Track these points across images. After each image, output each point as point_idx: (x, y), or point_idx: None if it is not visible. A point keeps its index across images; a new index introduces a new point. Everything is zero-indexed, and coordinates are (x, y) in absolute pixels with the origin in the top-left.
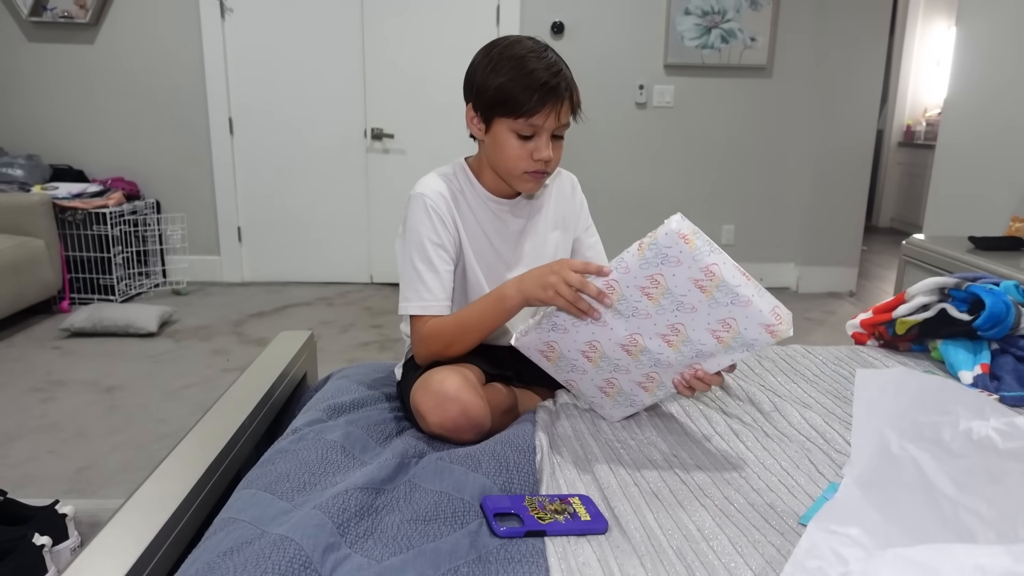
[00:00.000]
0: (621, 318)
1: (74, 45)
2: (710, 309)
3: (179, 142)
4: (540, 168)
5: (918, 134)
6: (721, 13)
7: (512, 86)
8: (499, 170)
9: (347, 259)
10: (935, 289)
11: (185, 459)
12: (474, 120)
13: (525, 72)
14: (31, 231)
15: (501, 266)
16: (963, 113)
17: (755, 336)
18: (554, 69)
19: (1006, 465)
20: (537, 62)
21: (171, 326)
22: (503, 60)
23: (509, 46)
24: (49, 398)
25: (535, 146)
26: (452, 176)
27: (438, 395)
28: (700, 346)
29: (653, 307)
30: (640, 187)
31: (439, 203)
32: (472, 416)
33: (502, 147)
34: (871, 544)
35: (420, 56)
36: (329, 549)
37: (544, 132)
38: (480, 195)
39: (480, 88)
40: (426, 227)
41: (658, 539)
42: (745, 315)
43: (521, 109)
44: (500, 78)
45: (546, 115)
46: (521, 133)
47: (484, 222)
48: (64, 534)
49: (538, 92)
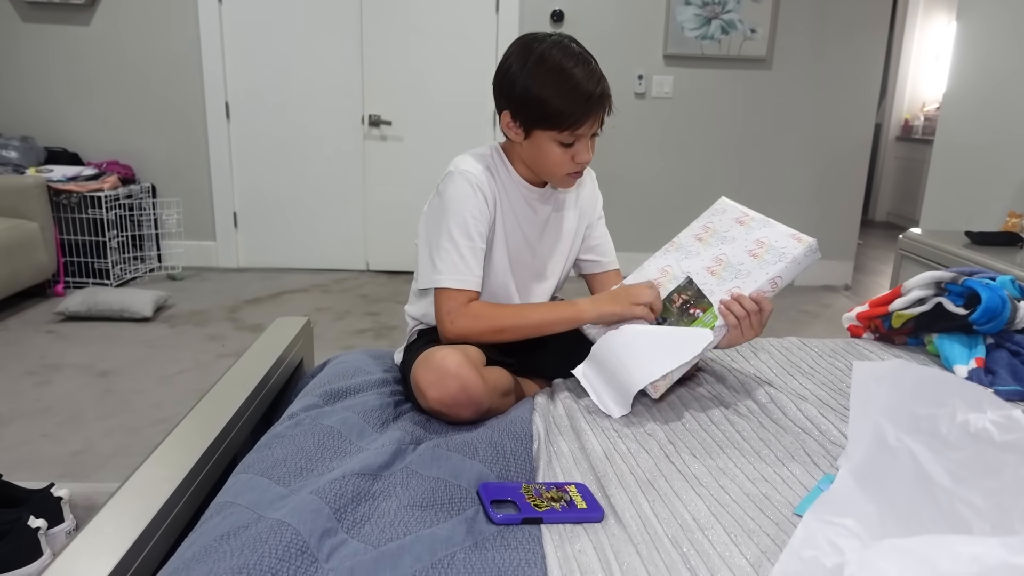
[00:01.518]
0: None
1: (70, 26)
2: (747, 234)
3: (175, 126)
4: (580, 169)
5: (916, 128)
6: (721, 4)
7: (558, 101)
8: (538, 171)
9: (343, 246)
10: (931, 283)
11: (181, 443)
12: (511, 126)
13: (570, 86)
14: (25, 214)
15: (526, 251)
16: (962, 108)
17: (784, 245)
18: (595, 77)
19: (1003, 457)
20: (580, 73)
21: (166, 311)
22: (544, 71)
23: (547, 55)
24: (43, 382)
25: (576, 151)
26: (489, 158)
27: (439, 371)
28: (739, 267)
29: (703, 247)
30: (638, 177)
31: (480, 181)
32: (471, 393)
33: (544, 154)
34: (866, 535)
35: (419, 43)
36: (326, 534)
37: (585, 138)
38: (515, 181)
39: (521, 99)
40: (470, 203)
41: (654, 527)
42: (775, 233)
43: (567, 123)
44: (544, 90)
45: (590, 125)
46: (564, 143)
47: (516, 207)
48: (59, 517)
49: (585, 104)
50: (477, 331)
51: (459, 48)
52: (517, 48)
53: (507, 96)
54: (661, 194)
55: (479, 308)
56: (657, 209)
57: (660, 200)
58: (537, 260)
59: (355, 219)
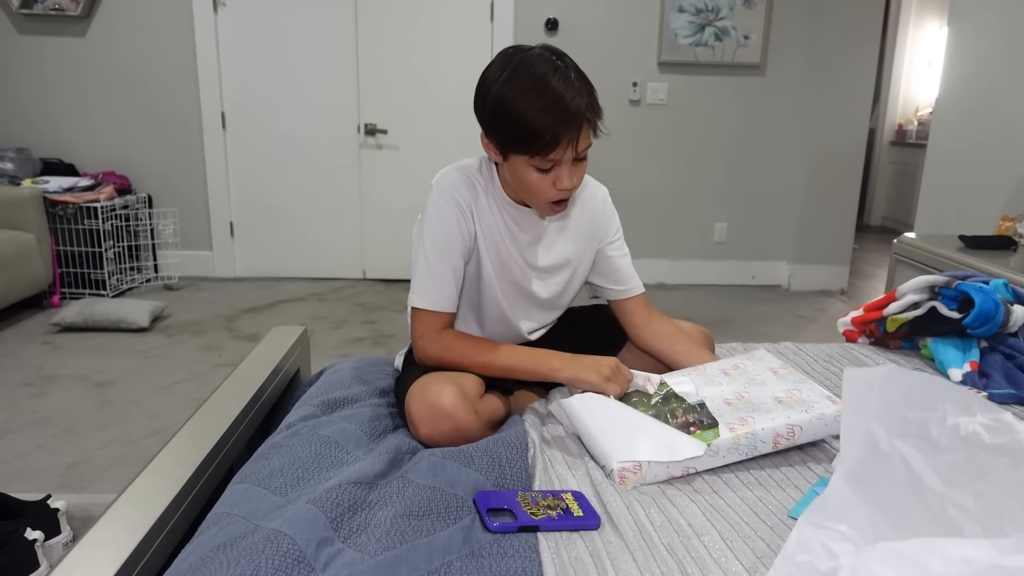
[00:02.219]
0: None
1: (65, 38)
2: (779, 383)
3: (171, 136)
4: (564, 196)
5: (910, 133)
6: (715, 11)
7: (530, 119)
8: (521, 195)
9: (340, 255)
10: (925, 287)
11: (178, 454)
12: (489, 147)
13: (542, 103)
14: (21, 225)
15: (517, 271)
16: (954, 113)
17: (816, 401)
18: (571, 96)
19: (993, 460)
20: (553, 89)
21: (163, 321)
22: (518, 83)
23: (519, 68)
24: (40, 393)
25: (556, 177)
26: (476, 172)
27: (433, 408)
28: (759, 405)
29: (727, 380)
30: (633, 184)
31: (459, 197)
32: (463, 433)
33: (522, 179)
34: (860, 539)
35: (414, 52)
36: (322, 544)
37: (564, 163)
38: (499, 198)
39: (494, 114)
40: (446, 220)
41: (649, 535)
42: (809, 389)
43: (539, 144)
44: (515, 106)
45: (563, 149)
46: (540, 167)
47: (500, 224)
48: (56, 529)
49: (551, 129)
50: (447, 361)
51: (454, 57)
52: (498, 59)
53: (482, 113)
54: (656, 201)
55: (451, 339)
56: (651, 216)
57: (655, 207)
58: (531, 282)
59: (351, 228)
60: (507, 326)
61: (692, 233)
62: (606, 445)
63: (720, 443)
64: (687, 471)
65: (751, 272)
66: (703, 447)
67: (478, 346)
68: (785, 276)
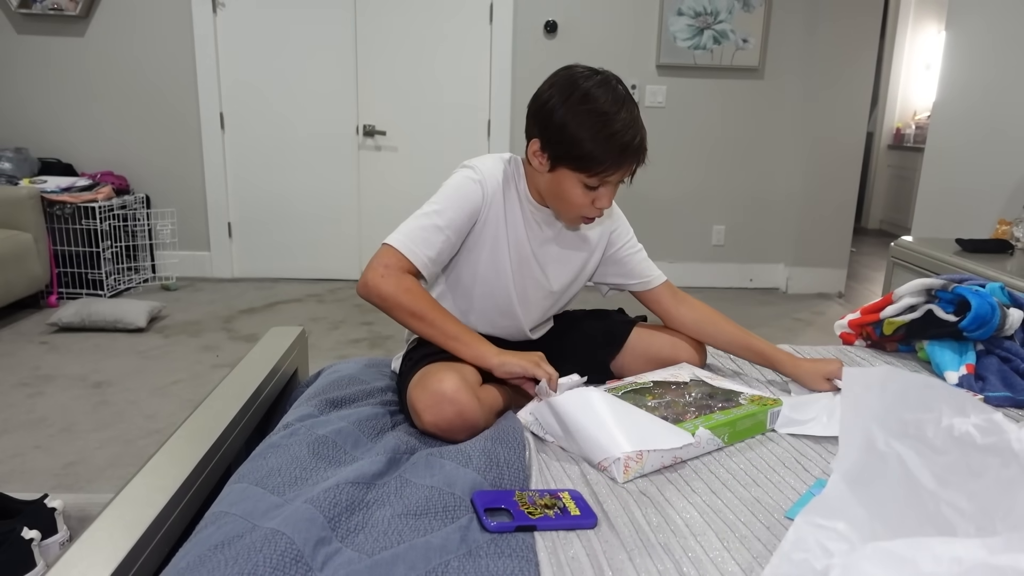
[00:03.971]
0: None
1: (64, 38)
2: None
3: (170, 137)
4: (597, 214)
5: (907, 137)
6: (713, 14)
7: (593, 147)
8: (552, 204)
9: (338, 256)
10: (922, 290)
11: (175, 454)
12: (538, 156)
13: (608, 133)
14: (19, 225)
15: (534, 263)
16: (952, 116)
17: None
18: (634, 129)
19: (985, 460)
20: (621, 122)
21: (160, 321)
22: (585, 112)
23: (591, 94)
24: (37, 393)
25: (598, 195)
26: (508, 166)
27: (435, 395)
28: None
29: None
30: (631, 187)
31: (488, 184)
32: (467, 418)
33: (565, 191)
34: (856, 538)
35: (413, 53)
36: (320, 543)
37: (610, 185)
38: (523, 194)
39: (556, 135)
40: (466, 195)
41: (646, 534)
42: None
43: (597, 169)
44: (580, 132)
45: (621, 174)
46: (589, 185)
47: (521, 220)
48: (53, 528)
49: (619, 155)
50: (396, 302)
51: (453, 58)
52: (560, 80)
53: (541, 127)
54: (654, 203)
55: (413, 284)
56: (649, 218)
57: (653, 209)
58: (544, 276)
59: (350, 229)
60: (512, 318)
61: (690, 236)
62: (603, 438)
63: (701, 434)
64: (676, 460)
65: (749, 275)
66: (689, 436)
67: (435, 305)
68: (783, 279)
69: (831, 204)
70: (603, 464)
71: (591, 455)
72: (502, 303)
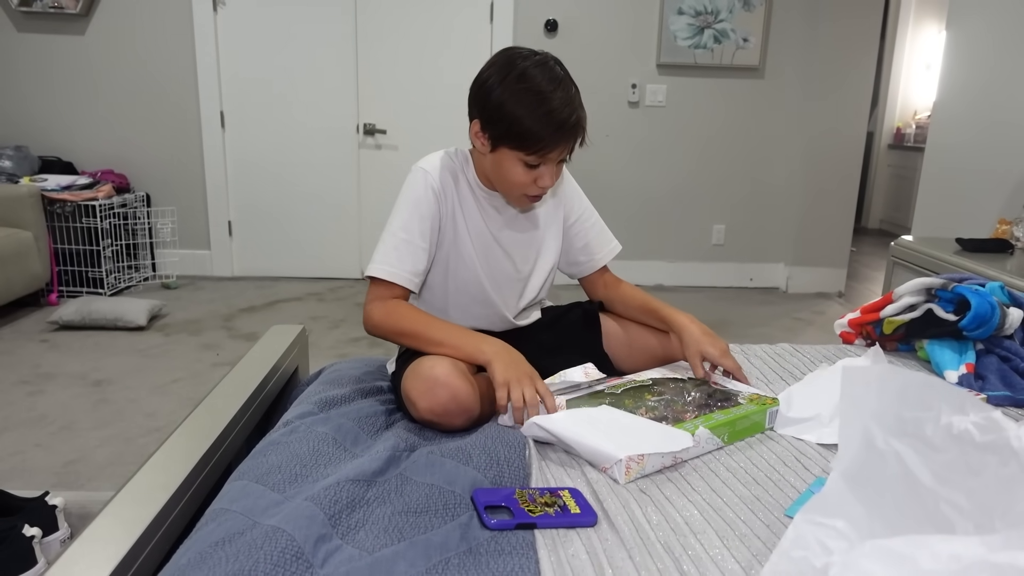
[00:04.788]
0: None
1: (64, 36)
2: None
3: (170, 135)
4: (541, 192)
5: (908, 136)
6: (714, 13)
7: (530, 123)
8: (497, 185)
9: (338, 254)
10: (922, 289)
11: (176, 451)
12: (480, 136)
13: (545, 111)
14: (19, 223)
15: (497, 248)
16: (952, 116)
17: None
18: (572, 106)
19: (984, 458)
20: (557, 100)
21: (160, 320)
22: (521, 91)
23: (527, 74)
24: (37, 391)
25: (539, 174)
26: (454, 156)
27: (428, 380)
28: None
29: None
30: (632, 186)
31: (438, 182)
32: (461, 401)
33: (506, 171)
34: (855, 536)
35: (413, 52)
36: (321, 540)
37: (550, 163)
38: (474, 183)
39: (494, 114)
40: (421, 201)
41: (646, 532)
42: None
43: (535, 146)
44: (517, 110)
45: (559, 152)
46: (529, 163)
47: (476, 208)
48: (54, 525)
49: (556, 132)
50: (386, 327)
51: (453, 57)
52: (499, 60)
53: (479, 107)
54: (654, 202)
55: (394, 306)
56: (649, 218)
57: (653, 208)
58: (509, 260)
59: (350, 227)
60: (489, 306)
61: (690, 235)
62: (603, 446)
63: (701, 433)
64: (677, 460)
65: (749, 274)
66: (690, 438)
67: (416, 316)
68: (783, 278)
69: (831, 204)
70: (605, 466)
71: (596, 462)
72: (476, 292)
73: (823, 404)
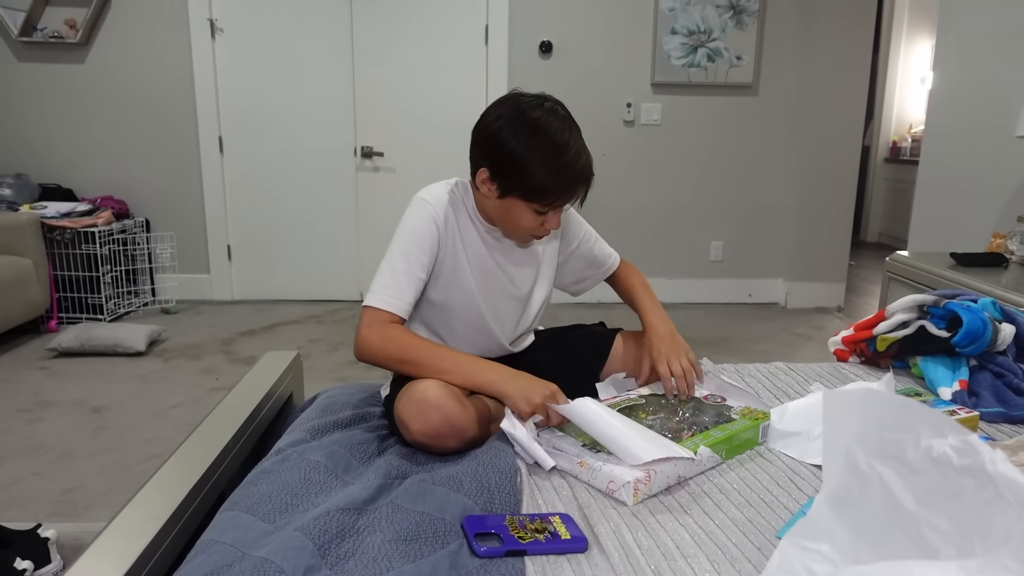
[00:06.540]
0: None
1: (64, 65)
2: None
3: (169, 161)
4: (545, 234)
5: (904, 150)
6: (707, 32)
7: (546, 179)
8: (502, 227)
9: (337, 277)
10: (914, 306)
11: (168, 481)
12: (487, 184)
13: (561, 166)
14: (19, 250)
15: (499, 272)
16: (944, 130)
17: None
18: (584, 155)
19: (962, 481)
20: (572, 152)
21: (160, 345)
22: (535, 146)
23: (540, 128)
24: (36, 419)
25: (547, 219)
26: (455, 190)
27: (420, 403)
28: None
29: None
30: (629, 204)
31: (440, 214)
32: (454, 423)
33: (515, 217)
34: (840, 560)
35: (409, 75)
36: (309, 571)
37: (559, 209)
38: (474, 215)
39: (507, 167)
40: (421, 232)
41: (636, 558)
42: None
43: (548, 199)
44: (531, 165)
45: (569, 201)
46: (539, 211)
47: (477, 237)
48: (46, 558)
49: (571, 186)
50: (386, 353)
51: (449, 79)
52: (507, 111)
53: (489, 157)
54: (651, 220)
55: (395, 331)
56: (647, 235)
57: (650, 226)
58: (510, 280)
59: (349, 250)
60: (488, 335)
61: (688, 252)
62: (632, 446)
63: (702, 452)
64: (680, 479)
65: (748, 290)
66: (691, 454)
67: (421, 344)
68: (782, 294)
69: (829, 218)
70: (611, 488)
71: (623, 459)
72: (476, 321)
73: (812, 421)
